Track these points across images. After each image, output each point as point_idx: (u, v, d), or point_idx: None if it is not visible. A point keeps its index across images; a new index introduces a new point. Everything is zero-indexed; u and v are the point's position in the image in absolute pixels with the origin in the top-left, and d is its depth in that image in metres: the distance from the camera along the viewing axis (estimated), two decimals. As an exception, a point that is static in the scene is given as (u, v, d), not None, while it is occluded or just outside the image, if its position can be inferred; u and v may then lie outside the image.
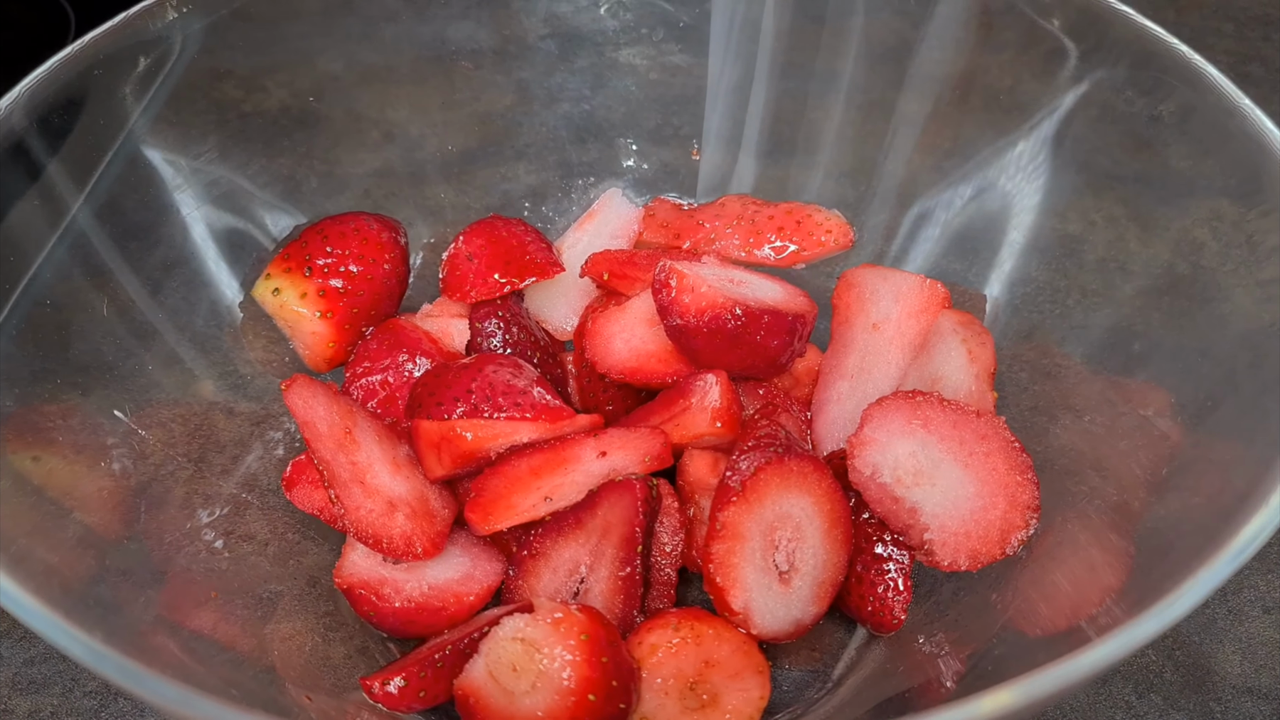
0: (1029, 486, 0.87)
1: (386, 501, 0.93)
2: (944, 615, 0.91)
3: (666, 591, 0.93)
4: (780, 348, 0.96)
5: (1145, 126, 1.02)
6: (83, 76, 0.97)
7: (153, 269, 1.04)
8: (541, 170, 1.26)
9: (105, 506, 0.90)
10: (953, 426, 0.89)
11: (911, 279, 1.04)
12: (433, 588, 0.92)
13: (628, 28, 1.22)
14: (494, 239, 1.08)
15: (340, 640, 0.93)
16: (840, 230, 1.11)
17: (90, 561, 0.83)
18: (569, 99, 1.24)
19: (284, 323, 1.03)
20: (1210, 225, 0.98)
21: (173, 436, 1.01)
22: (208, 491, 0.99)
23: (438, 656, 0.84)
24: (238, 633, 0.87)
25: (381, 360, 1.02)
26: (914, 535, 0.88)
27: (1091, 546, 0.86)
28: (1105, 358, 1.01)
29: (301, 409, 0.92)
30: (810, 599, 0.89)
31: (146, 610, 0.84)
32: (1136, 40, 0.98)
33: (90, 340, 0.97)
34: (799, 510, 0.87)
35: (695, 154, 1.24)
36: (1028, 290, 1.08)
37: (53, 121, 0.94)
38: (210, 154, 1.10)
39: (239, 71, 1.16)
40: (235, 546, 0.96)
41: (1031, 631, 0.84)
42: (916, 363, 1.00)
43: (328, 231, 1.04)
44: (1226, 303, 0.94)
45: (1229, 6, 1.66)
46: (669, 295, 0.95)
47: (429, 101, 1.23)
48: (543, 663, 0.78)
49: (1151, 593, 0.63)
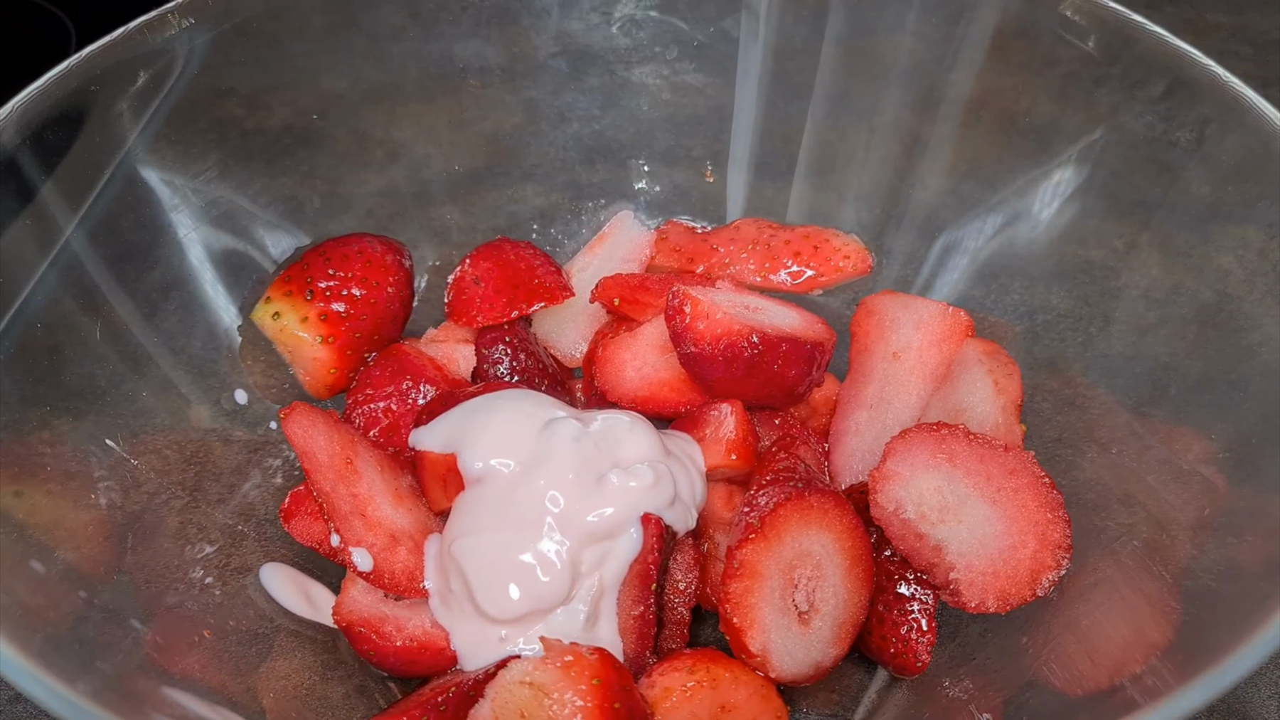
0: (1060, 524, 0.84)
1: (389, 535, 0.89)
2: (971, 659, 0.88)
3: (680, 631, 0.90)
4: (798, 377, 0.94)
5: (1166, 152, 1.00)
6: (79, 93, 0.94)
7: (149, 291, 1.01)
8: (550, 191, 1.24)
9: (91, 542, 0.86)
10: (979, 461, 0.86)
11: (933, 306, 1.01)
12: (436, 625, 0.89)
13: (640, 46, 1.20)
14: (501, 262, 1.06)
15: (339, 680, 0.90)
16: (859, 255, 1.08)
17: (74, 601, 0.79)
18: (579, 118, 1.22)
19: (284, 347, 1.01)
20: (1235, 253, 0.96)
21: (167, 464, 0.98)
22: (202, 522, 0.96)
23: (440, 699, 0.80)
24: (228, 676, 0.84)
25: (384, 387, 1.00)
26: (939, 574, 0.85)
27: (1127, 589, 0.83)
28: (1131, 388, 0.98)
29: (300, 438, 0.89)
30: (831, 640, 0.85)
31: (133, 653, 0.80)
32: (1167, 60, 0.95)
33: (82, 365, 0.94)
34: (819, 548, 0.84)
35: (709, 175, 1.22)
36: (1049, 318, 1.06)
37: (47, 139, 0.91)
38: (210, 173, 1.08)
39: (241, 89, 1.14)
40: (230, 580, 0.93)
41: (1067, 682, 0.80)
42: (940, 393, 0.97)
43: (330, 253, 1.01)
44: (1255, 332, 0.92)
45: (1248, 30, 1.64)
46: (682, 322, 0.92)
47: (435, 120, 1.21)
48: (552, 709, 0.74)
49: (1202, 654, 0.59)
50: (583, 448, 0.88)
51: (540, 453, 0.88)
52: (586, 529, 0.85)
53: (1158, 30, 0.96)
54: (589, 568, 0.86)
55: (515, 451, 0.88)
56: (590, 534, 0.85)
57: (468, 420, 0.91)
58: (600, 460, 0.88)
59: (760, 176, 1.21)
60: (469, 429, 0.90)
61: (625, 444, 0.89)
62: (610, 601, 0.87)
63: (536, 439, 0.89)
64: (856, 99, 1.18)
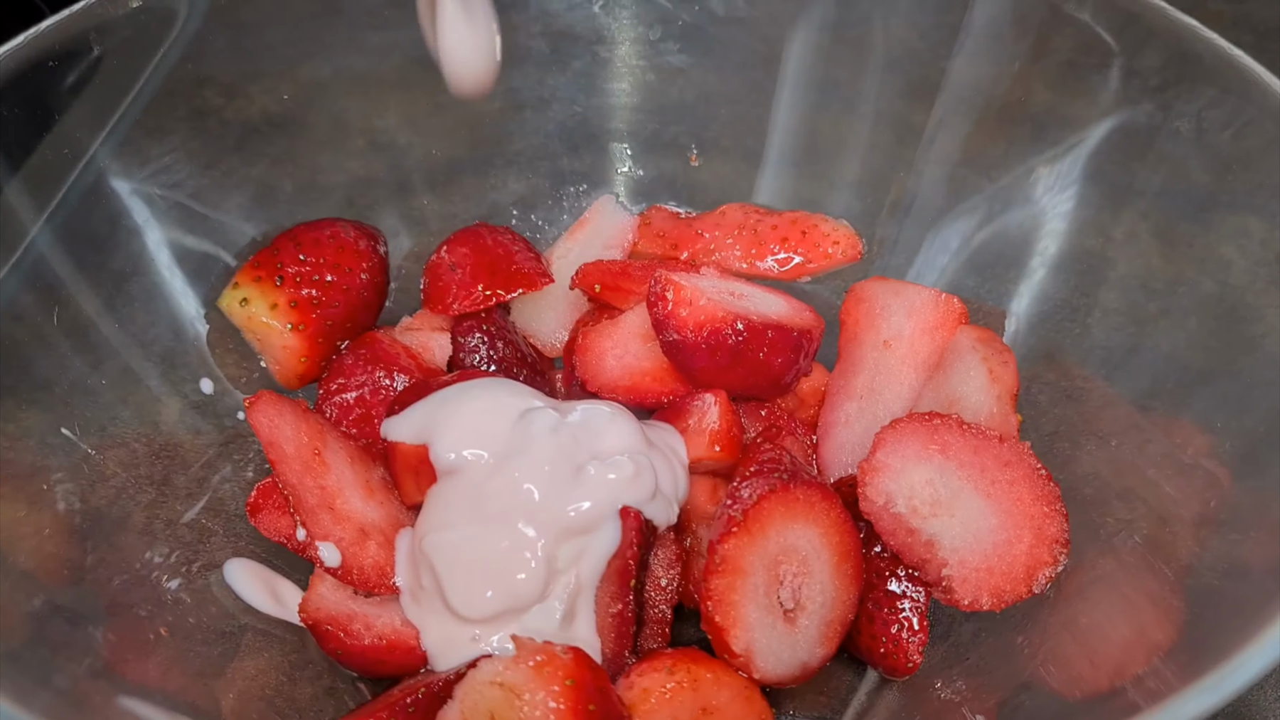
0: (1057, 518, 0.81)
1: (358, 529, 0.87)
2: (964, 659, 0.86)
3: (661, 630, 0.87)
4: (784, 366, 0.91)
5: (1166, 140, 0.98)
6: (40, 70, 0.91)
7: (111, 281, 0.98)
8: (531, 177, 1.21)
9: (49, 544, 0.83)
10: (973, 452, 0.83)
11: (925, 293, 0.99)
12: (407, 623, 0.86)
13: (623, 26, 1.17)
14: (479, 248, 1.03)
15: (307, 680, 0.87)
16: (849, 241, 1.06)
17: (30, 605, 0.76)
18: (561, 102, 1.19)
19: (253, 335, 0.98)
20: (1237, 243, 0.94)
21: (134, 458, 0.95)
22: (169, 517, 0.93)
23: (409, 700, 0.77)
24: (190, 679, 0.81)
25: (357, 376, 0.97)
26: (931, 570, 0.82)
27: (1127, 587, 0.81)
28: (1130, 380, 0.96)
29: (266, 428, 0.86)
30: (818, 639, 0.82)
31: (92, 661, 0.77)
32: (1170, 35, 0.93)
33: (40, 359, 0.91)
34: (806, 542, 0.81)
35: (694, 160, 1.19)
36: (1045, 308, 1.04)
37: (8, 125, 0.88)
38: (181, 161, 1.05)
39: (220, 77, 1.11)
40: (196, 577, 0.90)
41: (1065, 684, 0.77)
42: (933, 383, 0.94)
43: (301, 238, 0.98)
44: (1259, 323, 0.90)
45: (1249, 18, 1.62)
46: (665, 308, 0.90)
47: (414, 107, 1.18)
48: (523, 710, 0.71)
49: (1207, 655, 0.56)
50: (560, 439, 0.85)
51: (515, 444, 0.85)
52: (563, 524, 0.82)
53: (1160, 4, 0.93)
54: (565, 564, 0.83)
55: (489, 443, 0.85)
56: (567, 529, 0.82)
57: (440, 410, 0.88)
58: (578, 452, 0.85)
59: (747, 163, 1.18)
60: (441, 419, 0.87)
61: (605, 435, 0.86)
62: (588, 599, 0.84)
63: (512, 430, 0.86)
64: (846, 85, 1.16)
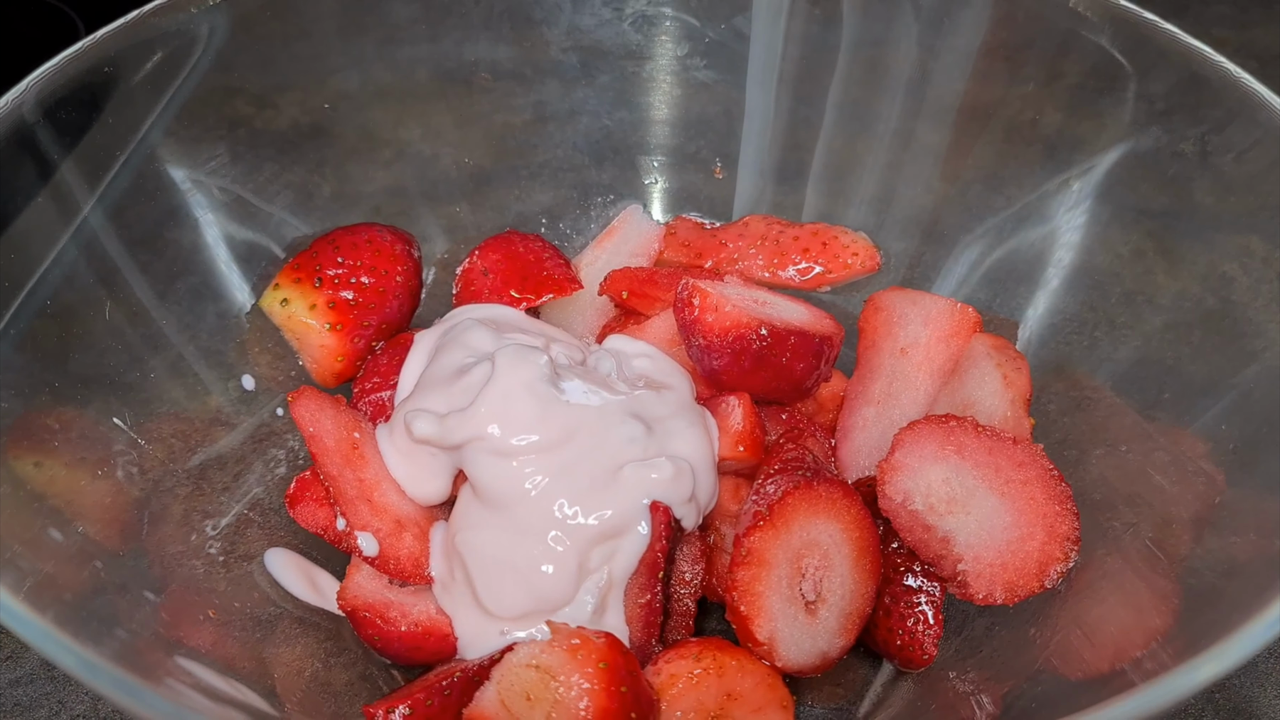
0: (1069, 517, 0.84)
1: (395, 520, 0.89)
2: (977, 651, 0.87)
3: (685, 623, 0.89)
4: (806, 370, 0.93)
5: (1173, 162, 1.00)
6: (94, 73, 0.94)
7: (157, 278, 1.01)
8: (559, 188, 1.23)
9: (106, 516, 0.86)
10: (988, 453, 0.86)
11: (941, 302, 1.01)
12: (441, 612, 0.88)
13: (652, 43, 1.20)
14: (510, 254, 1.05)
15: (342, 666, 0.89)
16: (867, 252, 1.08)
17: (89, 573, 0.79)
18: (589, 115, 1.22)
19: (292, 335, 1.00)
20: (1240, 260, 0.96)
21: (173, 451, 0.97)
22: (206, 508, 0.96)
23: (445, 684, 0.79)
24: (236, 653, 0.83)
25: (391, 376, 0.98)
26: (946, 566, 0.84)
27: (1132, 583, 0.83)
28: (1136, 391, 0.98)
29: (308, 421, 0.89)
30: (837, 630, 0.85)
31: (147, 625, 0.80)
32: (1182, 61, 0.96)
33: (93, 348, 0.94)
34: (827, 537, 0.84)
35: (718, 172, 1.22)
36: (1055, 322, 1.06)
37: (63, 119, 0.91)
38: (221, 165, 1.07)
39: (251, 88, 1.14)
40: (235, 566, 0.93)
41: (1071, 672, 0.80)
42: (948, 388, 0.97)
43: (339, 241, 1.01)
44: (1259, 338, 0.92)
45: (1252, 45, 1.65)
46: (691, 314, 0.92)
47: (444, 118, 1.21)
48: (559, 691, 0.74)
49: (1200, 638, 0.59)
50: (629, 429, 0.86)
51: (553, 435, 0.86)
52: (595, 530, 0.83)
53: (1170, 28, 0.96)
54: (597, 564, 0.84)
55: (527, 431, 0.86)
56: (600, 534, 0.84)
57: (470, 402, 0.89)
58: (649, 445, 0.86)
59: (769, 178, 1.21)
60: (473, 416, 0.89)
61: (677, 438, 0.88)
62: (618, 594, 0.86)
63: (546, 413, 0.86)
64: (866, 104, 1.18)
